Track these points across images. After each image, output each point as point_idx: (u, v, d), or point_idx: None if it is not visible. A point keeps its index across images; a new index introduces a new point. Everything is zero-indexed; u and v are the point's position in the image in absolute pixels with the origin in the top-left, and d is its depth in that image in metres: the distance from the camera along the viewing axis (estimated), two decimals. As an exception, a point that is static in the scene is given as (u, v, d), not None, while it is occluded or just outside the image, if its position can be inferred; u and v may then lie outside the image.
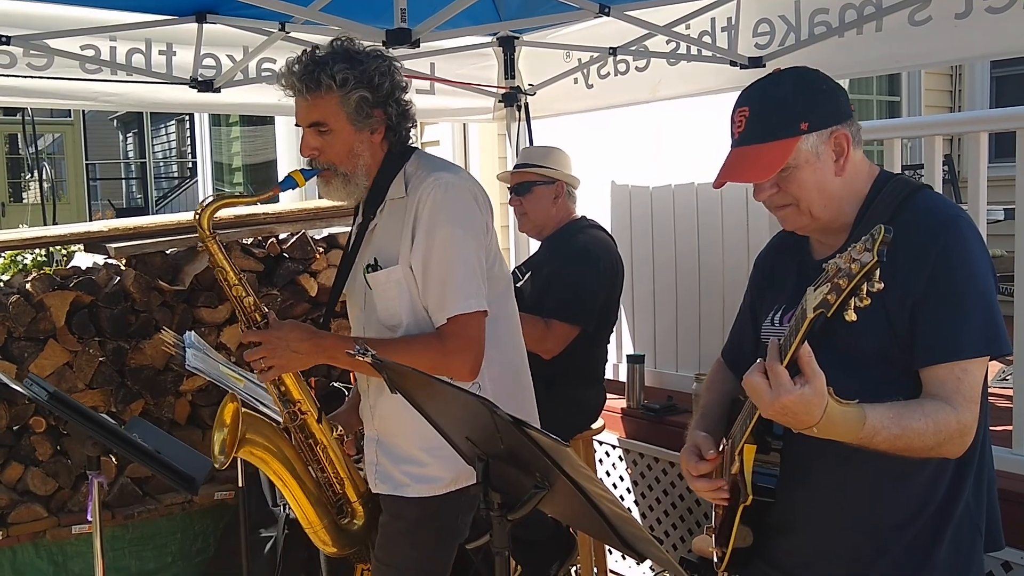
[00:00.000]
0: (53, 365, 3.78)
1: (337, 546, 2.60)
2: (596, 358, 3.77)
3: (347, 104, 2.25)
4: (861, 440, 1.62)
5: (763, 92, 1.85)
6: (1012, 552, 2.93)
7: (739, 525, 1.83)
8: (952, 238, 1.72)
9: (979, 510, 1.84)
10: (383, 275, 2.33)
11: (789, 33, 3.70)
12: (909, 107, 7.41)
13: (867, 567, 1.82)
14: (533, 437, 1.45)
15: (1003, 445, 3.16)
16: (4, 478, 3.72)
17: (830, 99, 1.82)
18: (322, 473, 2.53)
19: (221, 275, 2.38)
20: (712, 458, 1.85)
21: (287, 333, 2.28)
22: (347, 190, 2.35)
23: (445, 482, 2.37)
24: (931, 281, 1.69)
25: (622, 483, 4.49)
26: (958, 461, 1.78)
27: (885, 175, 1.89)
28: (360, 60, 2.26)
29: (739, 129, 1.83)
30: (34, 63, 3.74)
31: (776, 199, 1.85)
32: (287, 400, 2.45)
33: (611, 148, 5.07)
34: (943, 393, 1.68)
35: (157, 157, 19.64)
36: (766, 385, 1.55)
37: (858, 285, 1.40)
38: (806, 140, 1.77)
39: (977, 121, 3.41)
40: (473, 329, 2.27)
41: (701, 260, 4.65)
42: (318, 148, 2.30)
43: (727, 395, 2.05)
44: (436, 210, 2.26)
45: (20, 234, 4.37)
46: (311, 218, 4.44)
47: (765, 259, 2.13)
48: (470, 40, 4.54)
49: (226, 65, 4.09)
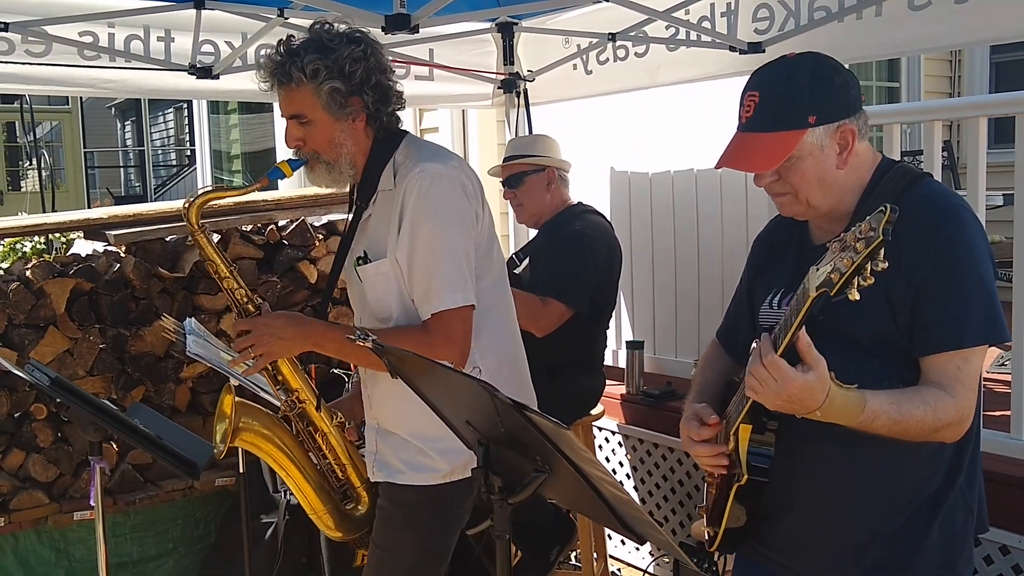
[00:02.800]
0: (53, 352, 3.78)
1: (342, 531, 2.62)
2: (596, 344, 3.77)
3: (320, 95, 2.23)
4: (861, 424, 1.64)
5: (775, 79, 1.82)
6: (1010, 536, 2.95)
7: (733, 504, 1.84)
8: (955, 227, 1.73)
9: (972, 492, 1.86)
10: (372, 268, 2.33)
11: (788, 18, 3.69)
12: (908, 93, 7.39)
13: (861, 550, 1.83)
14: (533, 420, 1.46)
15: (1002, 430, 3.17)
16: (6, 465, 3.73)
17: (841, 92, 1.80)
18: (324, 460, 2.55)
19: (212, 268, 2.40)
20: (714, 423, 1.84)
21: (274, 321, 2.30)
22: (332, 176, 2.34)
23: (442, 473, 2.37)
24: (934, 269, 1.70)
25: (621, 469, 4.50)
26: (955, 446, 1.79)
27: (887, 163, 1.88)
28: (332, 48, 2.23)
29: (747, 114, 1.81)
30: (32, 50, 3.73)
31: (775, 187, 1.85)
32: (285, 389, 2.46)
33: (610, 134, 5.06)
34: (943, 381, 1.70)
35: (155, 145, 19.61)
36: (771, 378, 1.56)
37: (862, 264, 1.40)
38: (812, 133, 1.77)
39: (976, 106, 3.42)
40: (458, 324, 2.27)
41: (700, 246, 4.65)
42: (301, 138, 2.30)
43: (723, 375, 2.06)
44: (421, 203, 2.24)
45: (19, 221, 4.37)
46: (310, 205, 4.43)
47: (763, 241, 2.12)
48: (469, 26, 4.53)
49: (224, 51, 4.08)
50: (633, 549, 4.47)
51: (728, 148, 1.84)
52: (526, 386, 2.58)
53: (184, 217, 2.34)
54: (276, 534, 3.87)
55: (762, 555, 1.97)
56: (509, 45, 4.53)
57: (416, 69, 4.53)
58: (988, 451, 3.12)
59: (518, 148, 3.80)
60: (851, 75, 1.84)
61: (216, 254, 2.38)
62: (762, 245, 2.12)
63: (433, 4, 3.18)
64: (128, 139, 21.02)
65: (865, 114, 1.85)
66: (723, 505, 1.87)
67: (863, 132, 1.82)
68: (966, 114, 3.43)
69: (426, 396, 1.83)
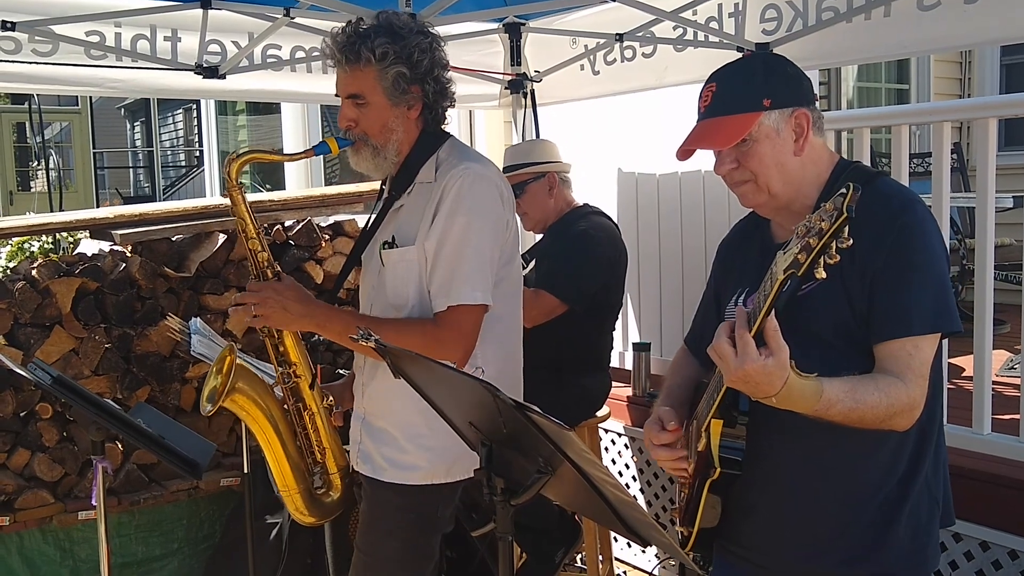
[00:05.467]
0: (59, 351, 3.78)
1: (311, 514, 2.60)
2: (602, 346, 3.76)
3: (385, 78, 2.26)
4: (817, 412, 1.67)
5: (731, 71, 1.93)
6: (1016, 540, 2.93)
7: (706, 501, 1.86)
8: (910, 220, 1.78)
9: (937, 484, 1.90)
10: (397, 253, 2.34)
11: (796, 19, 3.67)
12: (918, 95, 7.37)
13: (830, 544, 1.85)
14: (535, 421, 1.45)
15: (1011, 433, 3.15)
16: (11, 464, 3.73)
17: (794, 82, 1.90)
18: (306, 440, 2.54)
19: (240, 226, 2.40)
20: (673, 428, 1.89)
21: (285, 290, 2.30)
22: (375, 162, 2.36)
23: (422, 472, 2.37)
24: (888, 259, 1.76)
25: (627, 471, 4.49)
26: (918, 437, 1.84)
27: (845, 162, 1.96)
28: (402, 35, 2.27)
29: (705, 103, 1.91)
30: (39, 49, 3.74)
31: (735, 175, 1.90)
32: (284, 361, 2.46)
33: (617, 135, 5.05)
34: (896, 368, 1.74)
35: (164, 146, 19.65)
36: (732, 352, 1.60)
37: (828, 243, 1.43)
38: (768, 116, 1.85)
39: (986, 107, 3.39)
40: (471, 322, 2.28)
41: (707, 248, 4.63)
42: (354, 119, 2.32)
43: (691, 379, 2.10)
44: (460, 198, 2.26)
45: (25, 220, 4.37)
46: (316, 205, 4.43)
47: (728, 245, 2.18)
48: (476, 26, 4.52)
49: (231, 51, 4.08)
50: (639, 552, 4.45)
51: (689, 135, 1.92)
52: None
53: (224, 173, 2.36)
54: (281, 535, 3.86)
55: (733, 553, 1.99)
56: (516, 45, 4.52)
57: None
58: (997, 455, 3.12)
59: (516, 156, 3.78)
60: (803, 73, 1.93)
61: (247, 213, 2.38)
62: (727, 248, 2.18)
63: (439, 4, 3.18)
64: (137, 140, 21.08)
65: (820, 112, 1.92)
66: (696, 504, 1.89)
67: (818, 125, 1.89)
68: (976, 115, 3.40)
69: (428, 396, 1.82)
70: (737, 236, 2.16)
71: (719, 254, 2.20)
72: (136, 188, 20.25)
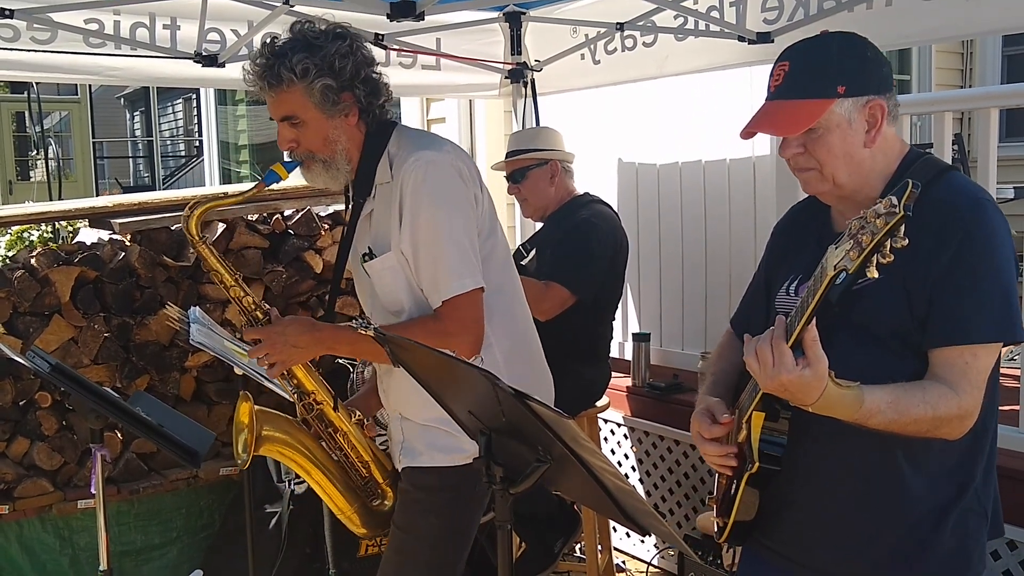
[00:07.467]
0: (58, 340, 3.78)
1: (369, 528, 2.59)
2: (601, 336, 3.76)
3: (312, 94, 2.22)
4: (856, 420, 1.62)
5: (806, 50, 1.82)
6: (1019, 531, 2.92)
7: (743, 494, 1.81)
8: (978, 221, 1.70)
9: (987, 495, 1.83)
10: (378, 263, 2.33)
11: (798, 8, 3.65)
12: (919, 86, 7.35)
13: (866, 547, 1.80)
14: (534, 409, 1.44)
15: (1010, 424, 3.15)
16: (10, 452, 3.73)
17: (873, 68, 1.79)
18: (346, 459, 2.52)
19: (217, 278, 2.39)
20: (726, 421, 1.81)
21: (286, 328, 2.30)
22: (329, 175, 2.33)
23: (467, 453, 2.32)
24: (953, 262, 1.67)
25: (627, 461, 4.49)
26: (969, 447, 1.76)
27: (915, 153, 1.86)
28: (319, 46, 2.21)
29: (776, 83, 1.80)
30: (38, 37, 3.71)
31: (800, 160, 1.82)
32: (301, 392, 2.45)
33: (618, 125, 5.04)
34: (950, 376, 1.67)
35: (164, 136, 19.62)
36: (770, 360, 1.55)
37: (882, 241, 1.37)
38: (841, 104, 1.75)
39: (988, 97, 3.38)
40: (470, 308, 2.26)
41: (708, 238, 4.63)
42: (295, 139, 2.29)
43: (736, 365, 2.01)
44: (418, 192, 2.23)
45: (25, 209, 4.36)
46: (316, 195, 4.41)
47: (784, 228, 2.10)
48: (477, 15, 4.50)
49: (230, 40, 4.06)
50: (638, 541, 4.46)
51: (756, 115, 1.82)
52: (540, 366, 2.57)
53: (184, 229, 2.34)
54: (280, 524, 3.86)
55: (768, 549, 1.94)
56: (517, 35, 4.50)
57: (423, 59, 4.51)
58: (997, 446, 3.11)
59: (520, 142, 3.78)
60: (883, 56, 1.83)
61: (220, 264, 2.37)
62: (782, 233, 2.09)
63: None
64: (137, 129, 21.03)
65: (896, 99, 1.82)
66: (733, 496, 1.84)
67: (893, 114, 1.80)
68: (977, 105, 3.40)
69: (428, 385, 1.82)
70: (792, 221, 2.07)
71: (773, 237, 2.11)
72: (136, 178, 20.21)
